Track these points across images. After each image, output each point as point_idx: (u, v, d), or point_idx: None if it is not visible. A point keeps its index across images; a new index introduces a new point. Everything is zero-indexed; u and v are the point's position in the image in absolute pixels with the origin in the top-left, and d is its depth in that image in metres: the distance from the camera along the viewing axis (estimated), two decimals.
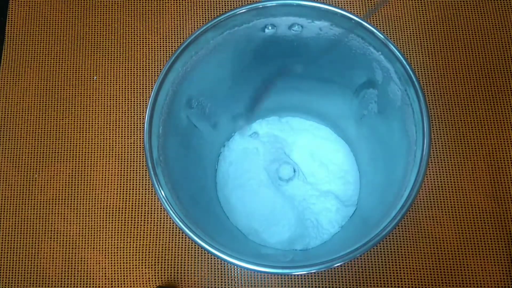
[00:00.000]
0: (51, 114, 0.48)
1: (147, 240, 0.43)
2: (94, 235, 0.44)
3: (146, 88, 0.48)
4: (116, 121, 0.47)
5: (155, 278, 0.42)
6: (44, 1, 0.51)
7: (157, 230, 0.43)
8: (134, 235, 0.43)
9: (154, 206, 0.44)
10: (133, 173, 0.45)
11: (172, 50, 0.49)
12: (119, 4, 0.51)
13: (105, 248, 0.43)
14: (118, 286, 0.42)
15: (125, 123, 0.47)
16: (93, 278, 0.43)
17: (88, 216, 0.44)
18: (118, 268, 0.43)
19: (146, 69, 0.48)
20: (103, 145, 0.46)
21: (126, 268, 0.43)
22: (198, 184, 0.39)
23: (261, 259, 0.29)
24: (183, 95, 0.34)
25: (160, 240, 0.43)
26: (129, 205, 0.44)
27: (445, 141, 0.44)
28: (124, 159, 0.46)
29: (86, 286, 0.42)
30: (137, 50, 0.49)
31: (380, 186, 0.37)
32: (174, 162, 0.33)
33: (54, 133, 0.47)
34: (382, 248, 0.42)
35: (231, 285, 0.42)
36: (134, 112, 0.47)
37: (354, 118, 0.40)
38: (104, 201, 0.45)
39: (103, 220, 0.44)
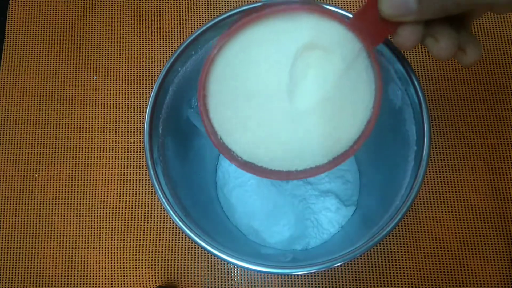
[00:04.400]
0: (51, 114, 0.48)
1: (147, 240, 0.43)
2: (94, 235, 0.44)
3: (146, 88, 0.48)
4: (116, 121, 0.47)
5: (155, 278, 0.42)
6: (44, 1, 0.51)
7: (157, 230, 0.43)
8: (134, 235, 0.43)
9: (154, 206, 0.44)
10: (133, 173, 0.45)
11: (172, 50, 0.49)
12: (119, 4, 0.51)
13: (105, 248, 0.43)
14: (118, 286, 0.42)
15: (125, 123, 0.47)
16: (93, 278, 0.43)
17: (88, 216, 0.44)
18: (118, 268, 0.43)
19: (146, 69, 0.48)
20: (103, 145, 0.46)
21: (126, 268, 0.43)
22: (198, 184, 0.39)
23: (261, 259, 0.29)
24: (183, 95, 0.34)
25: (160, 240, 0.43)
26: (129, 205, 0.44)
27: (445, 141, 0.44)
28: (124, 159, 0.46)
29: (86, 286, 0.42)
30: (137, 50, 0.49)
31: (380, 186, 0.37)
32: (174, 162, 0.33)
33: (54, 133, 0.47)
34: (382, 248, 0.42)
35: (231, 285, 0.42)
36: (134, 112, 0.47)
37: None
38: (104, 201, 0.45)
39: (103, 220, 0.44)
